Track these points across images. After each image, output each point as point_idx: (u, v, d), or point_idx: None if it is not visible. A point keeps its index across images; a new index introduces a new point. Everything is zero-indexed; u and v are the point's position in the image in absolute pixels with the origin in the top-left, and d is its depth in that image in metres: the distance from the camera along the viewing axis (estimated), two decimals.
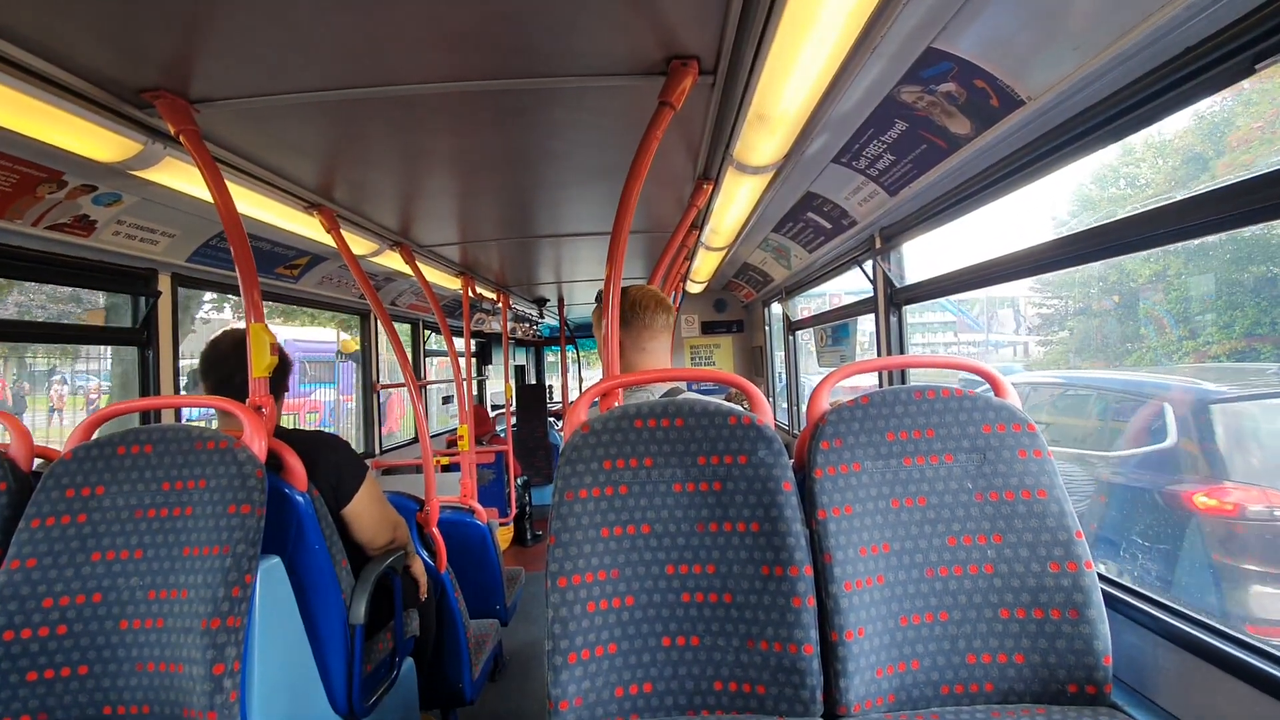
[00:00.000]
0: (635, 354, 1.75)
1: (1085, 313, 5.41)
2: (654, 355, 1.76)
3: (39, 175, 1.68)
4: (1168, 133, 4.32)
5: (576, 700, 1.22)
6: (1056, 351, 6.20)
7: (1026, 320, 6.96)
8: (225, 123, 1.62)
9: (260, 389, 1.57)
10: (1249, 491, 2.45)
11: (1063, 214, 5.17)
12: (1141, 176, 4.73)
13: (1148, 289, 4.22)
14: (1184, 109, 1.17)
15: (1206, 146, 3.89)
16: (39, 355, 6.26)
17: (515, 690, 3.04)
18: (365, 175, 2.15)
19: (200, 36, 1.25)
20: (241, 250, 1.59)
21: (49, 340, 2.39)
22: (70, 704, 1.31)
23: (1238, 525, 2.41)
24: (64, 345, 6.19)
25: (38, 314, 5.67)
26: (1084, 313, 5.45)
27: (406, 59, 1.38)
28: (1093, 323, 5.32)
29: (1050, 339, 6.48)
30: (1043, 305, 6.44)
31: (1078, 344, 5.69)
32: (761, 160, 1.94)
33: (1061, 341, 6.12)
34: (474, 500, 3.02)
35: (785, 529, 1.26)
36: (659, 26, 1.30)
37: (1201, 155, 3.95)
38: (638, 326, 1.74)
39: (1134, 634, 1.31)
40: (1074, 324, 5.87)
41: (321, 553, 1.60)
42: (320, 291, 3.43)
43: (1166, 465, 2.75)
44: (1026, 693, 1.22)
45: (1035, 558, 1.25)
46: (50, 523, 1.37)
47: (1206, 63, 1.05)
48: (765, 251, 3.75)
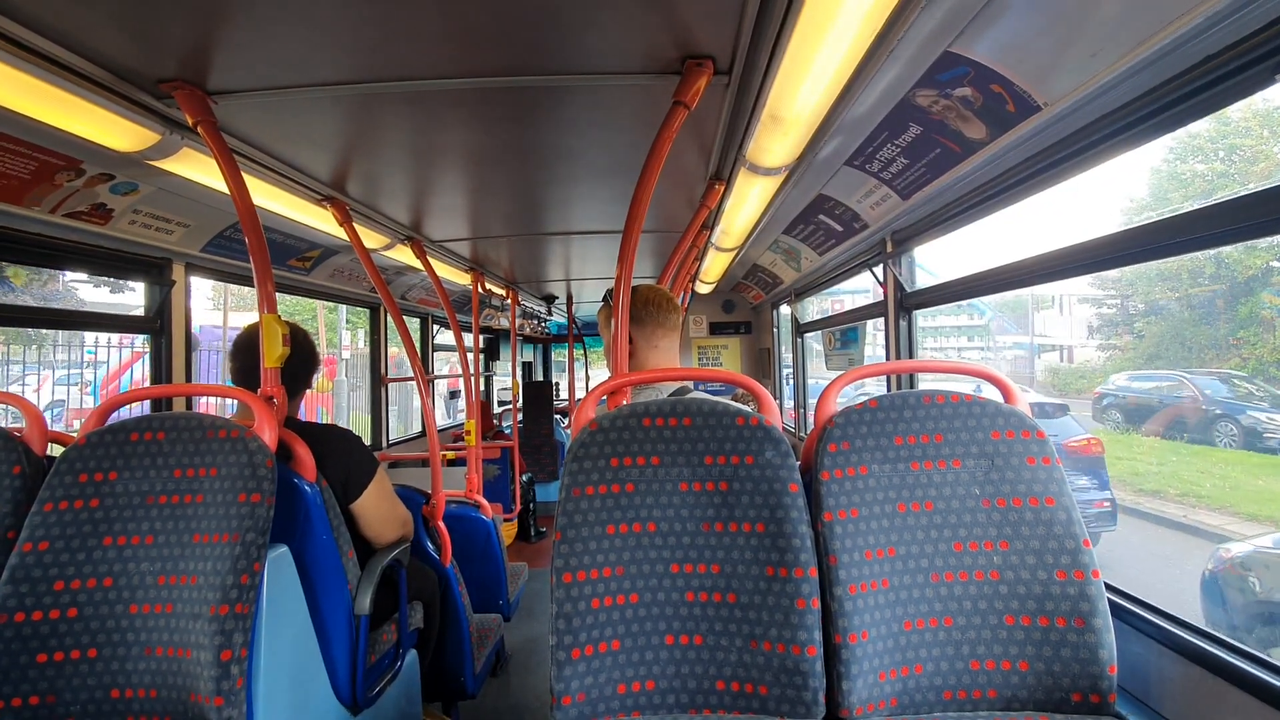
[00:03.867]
0: (649, 351, 1.76)
1: (1158, 312, 4.65)
2: (666, 353, 1.78)
3: (58, 163, 1.70)
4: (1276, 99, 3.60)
5: (579, 695, 1.22)
6: (1123, 358, 5.41)
7: (1081, 321, 6.26)
8: (242, 114, 1.63)
9: (272, 379, 1.59)
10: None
11: (1141, 194, 4.40)
12: (1244, 148, 4.06)
13: (1257, 283, 3.46)
14: (1203, 117, 1.17)
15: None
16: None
17: (516, 685, 3.05)
18: (379, 169, 2.16)
19: (219, 29, 1.26)
20: (256, 242, 1.60)
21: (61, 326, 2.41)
22: (79, 686, 1.32)
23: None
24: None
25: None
26: (1156, 312, 4.69)
27: (422, 54, 1.39)
28: (1166, 324, 4.55)
29: (1114, 343, 5.69)
30: (1103, 304, 5.70)
31: (1151, 348, 5.06)
32: (774, 162, 1.94)
33: (1129, 346, 5.35)
34: (479, 495, 3.04)
35: (791, 530, 1.26)
36: (675, 26, 1.30)
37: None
38: (651, 324, 1.76)
39: (1139, 644, 1.30)
40: (1144, 325, 5.13)
41: (329, 543, 1.62)
42: (331, 284, 3.45)
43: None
44: (1030, 700, 1.22)
45: (1042, 565, 1.25)
46: (64, 506, 1.39)
47: (1226, 71, 1.04)
48: (775, 253, 3.74)
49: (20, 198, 1.73)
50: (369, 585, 1.69)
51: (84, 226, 1.96)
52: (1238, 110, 3.59)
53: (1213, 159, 4.32)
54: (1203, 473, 2.99)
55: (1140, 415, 3.12)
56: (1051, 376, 8.04)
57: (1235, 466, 3.10)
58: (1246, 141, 4.18)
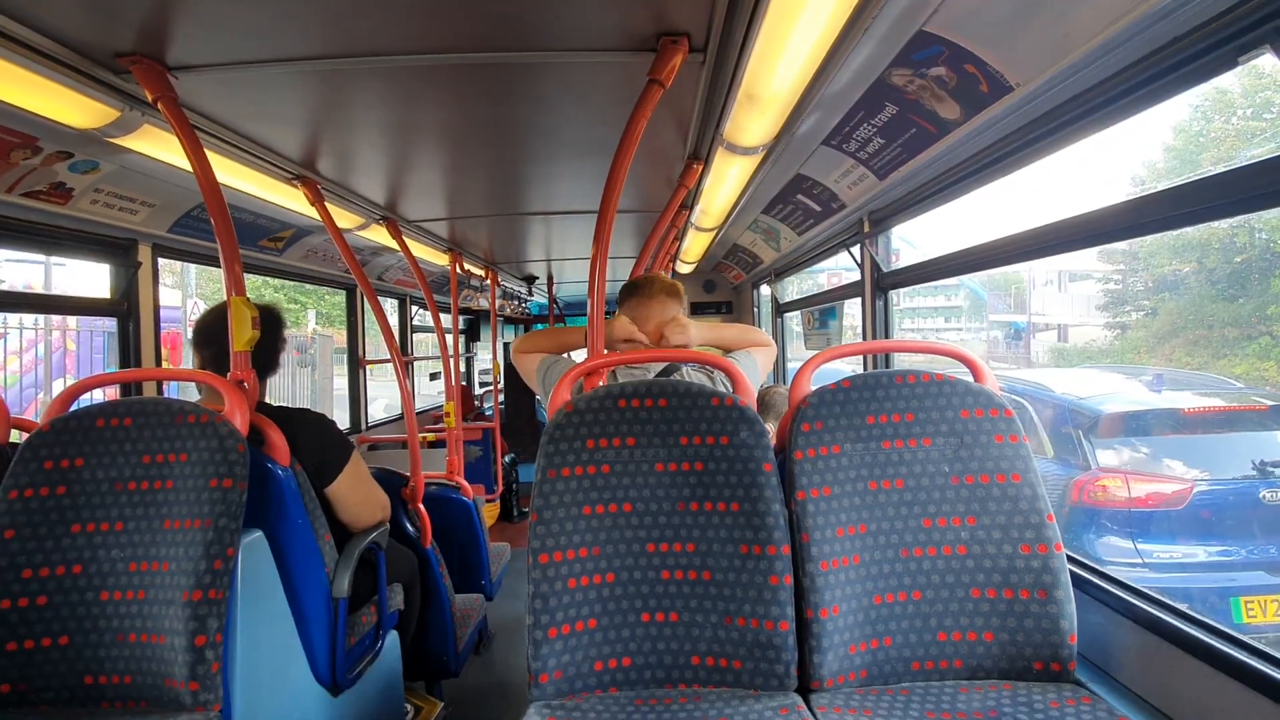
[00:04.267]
0: (650, 323, 1.85)
1: (1173, 288, 4.03)
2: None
3: (12, 140, 1.64)
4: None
5: (556, 673, 1.24)
6: (1135, 338, 4.83)
7: (1082, 298, 5.66)
8: (204, 90, 1.58)
9: (242, 363, 1.56)
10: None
11: (1155, 158, 3.82)
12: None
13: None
14: (1170, 98, 1.18)
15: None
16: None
17: (499, 663, 3.09)
18: (351, 147, 2.11)
19: (178, 0, 1.22)
20: (222, 221, 1.56)
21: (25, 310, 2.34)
22: (51, 673, 1.31)
23: None
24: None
25: None
26: (1170, 288, 4.09)
27: (393, 28, 1.35)
28: (1184, 300, 3.96)
29: (1122, 320, 5.03)
30: (1109, 280, 5.06)
31: (1165, 326, 4.37)
32: (752, 141, 1.93)
33: (1139, 325, 4.75)
34: (460, 476, 3.03)
35: (765, 509, 1.28)
36: (649, 2, 1.28)
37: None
38: (633, 302, 1.84)
39: (1099, 614, 1.35)
40: (1156, 302, 4.49)
41: (304, 527, 1.61)
42: (306, 265, 3.39)
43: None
44: (994, 669, 1.26)
45: (1007, 539, 1.28)
46: (29, 494, 1.36)
47: (1192, 53, 1.05)
48: (755, 233, 3.74)
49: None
50: (346, 568, 1.69)
51: (43, 206, 1.90)
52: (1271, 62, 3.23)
53: (1247, 115, 3.73)
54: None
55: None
56: (1055, 358, 7.32)
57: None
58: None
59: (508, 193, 2.85)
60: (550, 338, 1.99)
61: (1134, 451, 3.28)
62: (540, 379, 1.86)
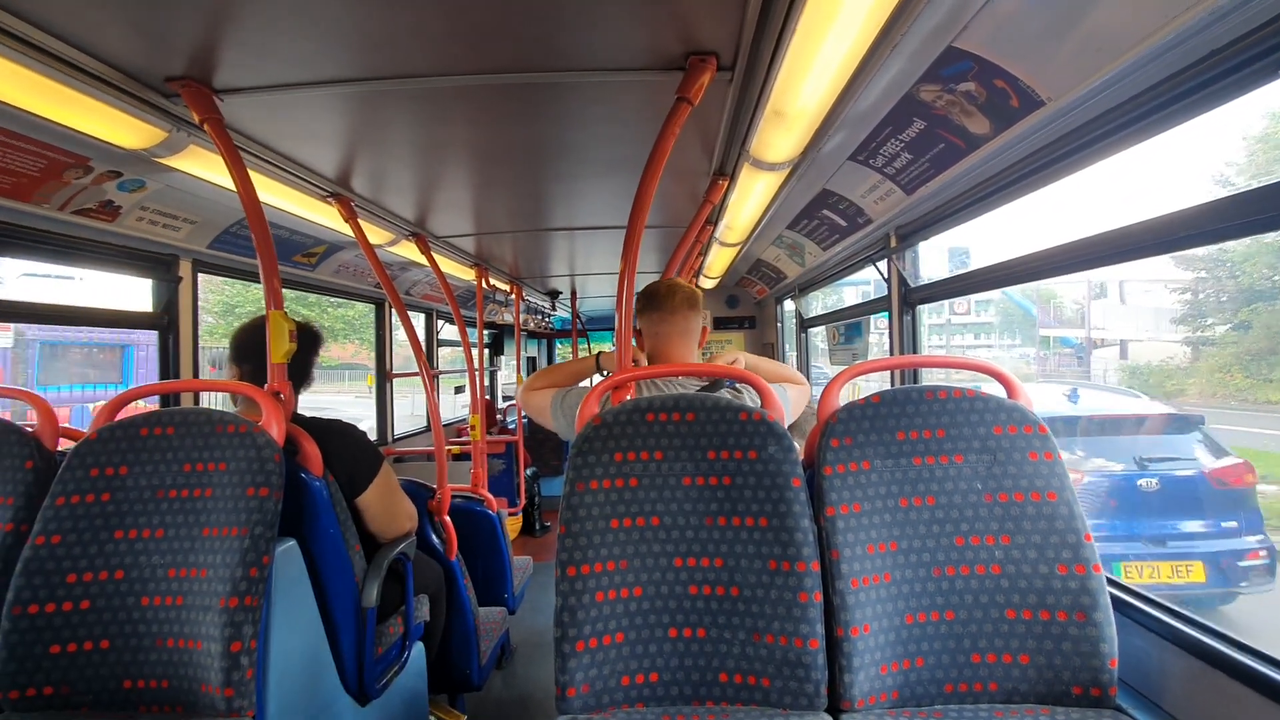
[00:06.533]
0: (652, 340, 1.84)
1: (1264, 298, 3.37)
2: (666, 339, 1.84)
3: (67, 160, 1.72)
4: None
5: (584, 687, 1.24)
6: (1218, 358, 4.13)
7: (1149, 311, 4.90)
8: (248, 112, 1.64)
9: (279, 375, 1.60)
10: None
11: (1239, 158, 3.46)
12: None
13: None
14: (1207, 112, 1.16)
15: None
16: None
17: (521, 678, 3.08)
18: (383, 165, 2.17)
19: (226, 27, 1.27)
20: (262, 238, 1.61)
21: (67, 322, 2.43)
22: (91, 677, 1.34)
23: None
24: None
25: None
26: (1263, 298, 3.41)
27: (427, 52, 1.40)
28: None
29: (1203, 334, 4.27)
30: (1188, 290, 4.20)
31: (1263, 343, 3.79)
32: (778, 157, 1.94)
33: (1225, 339, 4.07)
34: (484, 490, 3.05)
35: (793, 525, 1.27)
36: (678, 22, 1.30)
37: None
38: (651, 313, 1.84)
39: (1141, 638, 1.31)
40: (1248, 314, 3.91)
41: (336, 537, 1.63)
42: (337, 280, 3.47)
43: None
44: (1031, 693, 1.22)
45: (1043, 559, 1.25)
46: (75, 500, 1.41)
47: (1231, 66, 1.04)
48: (779, 248, 3.73)
49: (29, 195, 1.75)
50: (375, 578, 1.71)
51: (92, 223, 1.98)
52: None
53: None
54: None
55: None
56: (1129, 378, 6.72)
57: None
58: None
59: (534, 208, 2.90)
60: (558, 371, 2.03)
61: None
62: (556, 409, 1.84)
